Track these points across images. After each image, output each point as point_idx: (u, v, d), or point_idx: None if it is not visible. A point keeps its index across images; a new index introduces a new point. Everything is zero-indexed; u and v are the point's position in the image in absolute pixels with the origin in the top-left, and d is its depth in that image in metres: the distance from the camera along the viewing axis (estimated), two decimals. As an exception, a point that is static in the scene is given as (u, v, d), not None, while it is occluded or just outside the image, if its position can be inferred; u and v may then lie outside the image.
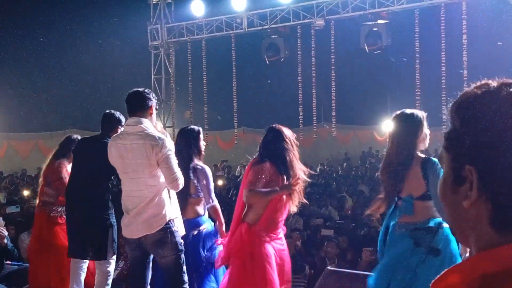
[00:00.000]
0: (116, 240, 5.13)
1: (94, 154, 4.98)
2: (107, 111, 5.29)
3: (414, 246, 3.82)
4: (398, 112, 4.08)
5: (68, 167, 5.68)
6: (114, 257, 5.22)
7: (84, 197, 5.05)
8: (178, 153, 4.79)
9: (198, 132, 5.01)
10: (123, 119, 5.14)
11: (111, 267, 5.19)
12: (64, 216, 5.49)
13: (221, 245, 4.66)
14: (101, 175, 4.92)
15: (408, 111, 4.04)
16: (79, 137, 5.92)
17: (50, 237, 5.75)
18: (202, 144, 5.00)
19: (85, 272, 5.37)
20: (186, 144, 4.89)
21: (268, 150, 4.41)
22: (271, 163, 4.34)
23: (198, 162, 4.87)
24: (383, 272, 3.95)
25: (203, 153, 4.99)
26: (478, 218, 0.98)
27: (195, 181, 4.77)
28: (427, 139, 3.99)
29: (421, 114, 4.00)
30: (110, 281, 5.20)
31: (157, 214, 4.15)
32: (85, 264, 5.35)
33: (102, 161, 4.79)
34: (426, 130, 3.97)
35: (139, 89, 4.40)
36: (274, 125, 4.54)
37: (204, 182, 4.78)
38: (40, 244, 5.82)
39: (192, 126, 5.17)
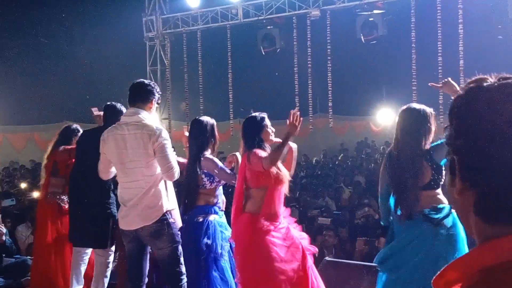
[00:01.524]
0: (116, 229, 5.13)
1: (97, 145, 4.99)
2: (109, 102, 5.29)
3: (435, 227, 3.82)
4: (404, 107, 4.05)
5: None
6: (113, 248, 5.22)
7: (87, 186, 5.09)
8: (192, 142, 4.77)
9: (213, 123, 4.97)
10: (124, 110, 5.16)
11: (110, 258, 5.18)
12: None
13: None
14: None
15: (415, 106, 4.03)
16: (78, 127, 5.94)
17: (65, 228, 5.72)
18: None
19: (86, 265, 5.36)
20: (202, 134, 4.83)
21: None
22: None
23: (206, 154, 4.80)
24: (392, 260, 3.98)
25: (218, 145, 4.98)
26: (467, 208, 0.98)
27: (200, 173, 4.72)
28: (432, 133, 3.95)
29: (427, 109, 3.97)
30: (108, 273, 5.20)
31: (153, 206, 4.14)
32: (87, 256, 5.34)
33: None
34: (432, 125, 3.93)
35: (145, 81, 4.37)
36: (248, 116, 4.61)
37: (216, 170, 4.71)
38: (52, 238, 5.78)
39: (206, 118, 5.05)
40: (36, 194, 9.05)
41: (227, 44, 15.29)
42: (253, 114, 4.61)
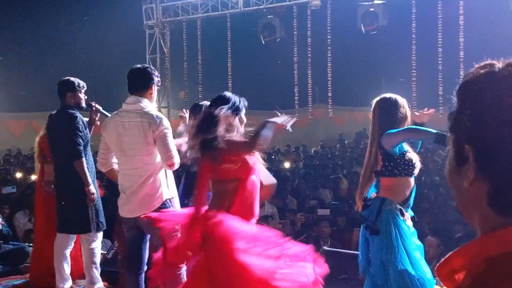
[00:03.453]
0: (100, 214, 5.07)
1: (60, 126, 5.08)
2: (61, 79, 5.24)
3: (361, 224, 4.14)
4: (378, 97, 4.20)
5: None
6: (99, 234, 5.16)
7: (63, 170, 5.09)
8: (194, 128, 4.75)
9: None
10: (78, 82, 5.15)
11: (95, 244, 5.12)
12: None
13: None
14: (71, 146, 4.93)
15: (387, 95, 4.16)
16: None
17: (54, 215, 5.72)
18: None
19: (68, 259, 5.22)
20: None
21: None
22: None
23: None
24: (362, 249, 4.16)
25: None
26: (478, 198, 0.97)
27: None
28: (407, 121, 4.09)
29: (399, 98, 4.12)
30: (97, 260, 5.15)
31: (153, 194, 4.14)
32: (68, 250, 5.21)
33: (68, 131, 4.89)
34: (406, 113, 4.08)
35: (140, 66, 4.33)
36: None
37: None
38: (48, 224, 5.77)
39: (207, 102, 5.04)
40: (34, 177, 9.07)
41: (227, 33, 15.25)
42: None
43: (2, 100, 19.64)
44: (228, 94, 3.70)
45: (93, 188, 4.99)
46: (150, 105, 4.24)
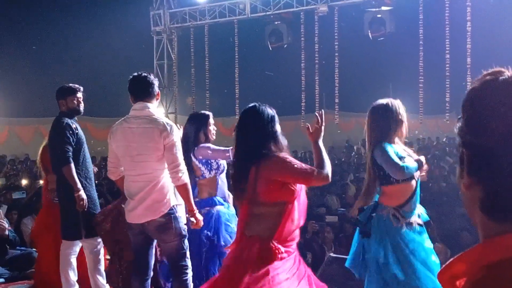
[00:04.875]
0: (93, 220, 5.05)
1: (51, 134, 5.15)
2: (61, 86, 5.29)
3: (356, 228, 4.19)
4: (373, 104, 4.13)
5: None
6: (100, 240, 5.11)
7: (58, 177, 5.10)
8: (185, 136, 4.79)
9: (208, 117, 4.98)
10: (70, 87, 5.18)
11: (96, 250, 5.10)
12: None
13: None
14: (58, 153, 4.97)
15: (377, 103, 4.10)
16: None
17: (55, 222, 5.73)
18: (212, 128, 4.96)
19: (73, 265, 5.20)
20: (195, 129, 4.86)
21: None
22: None
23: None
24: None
25: (211, 138, 4.94)
26: (473, 202, 0.98)
27: (197, 163, 4.74)
28: (404, 127, 4.04)
29: (391, 102, 4.04)
30: (101, 266, 5.15)
31: (161, 199, 4.14)
32: (73, 256, 5.21)
33: (56, 139, 4.95)
34: (401, 117, 4.02)
35: (143, 74, 4.35)
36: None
37: (209, 151, 4.73)
38: (46, 230, 5.79)
39: (203, 111, 5.19)
40: (41, 182, 9.11)
41: (234, 39, 15.28)
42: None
43: (9, 106, 19.74)
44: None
45: (83, 194, 4.95)
46: (157, 110, 4.27)
